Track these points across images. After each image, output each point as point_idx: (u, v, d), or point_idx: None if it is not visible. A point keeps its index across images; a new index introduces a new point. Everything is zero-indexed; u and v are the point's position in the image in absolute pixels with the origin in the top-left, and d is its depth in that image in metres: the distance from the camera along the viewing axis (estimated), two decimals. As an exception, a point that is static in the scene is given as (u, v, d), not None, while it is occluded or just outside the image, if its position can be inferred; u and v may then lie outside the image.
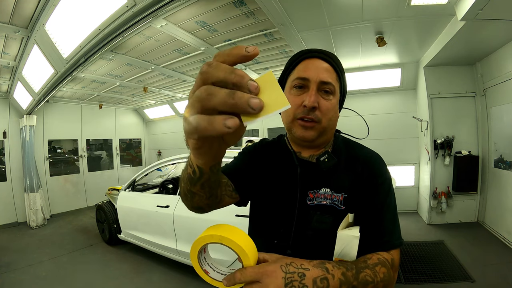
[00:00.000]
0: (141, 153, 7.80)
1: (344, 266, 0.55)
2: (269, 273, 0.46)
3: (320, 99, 0.67)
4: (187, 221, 2.64)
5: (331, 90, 0.68)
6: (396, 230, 0.69)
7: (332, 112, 0.69)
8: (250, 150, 0.86)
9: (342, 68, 0.72)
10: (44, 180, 5.35)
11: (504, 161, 3.24)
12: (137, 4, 2.03)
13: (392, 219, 0.69)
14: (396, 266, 0.65)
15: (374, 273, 0.58)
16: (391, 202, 0.71)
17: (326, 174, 0.71)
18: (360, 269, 0.57)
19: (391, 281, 0.61)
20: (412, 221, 4.08)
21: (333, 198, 0.69)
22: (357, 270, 0.56)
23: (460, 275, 2.54)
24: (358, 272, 0.55)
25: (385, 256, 0.63)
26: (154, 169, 3.45)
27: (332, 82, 0.68)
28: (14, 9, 2.42)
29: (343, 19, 2.69)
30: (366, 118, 0.89)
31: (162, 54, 3.45)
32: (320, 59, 0.69)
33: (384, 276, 0.59)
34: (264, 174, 0.77)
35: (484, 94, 3.60)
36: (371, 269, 0.58)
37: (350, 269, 0.55)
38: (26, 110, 4.70)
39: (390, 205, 0.70)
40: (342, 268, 0.54)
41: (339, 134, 0.82)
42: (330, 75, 0.68)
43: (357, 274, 0.55)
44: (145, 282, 2.81)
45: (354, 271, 0.55)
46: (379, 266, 0.60)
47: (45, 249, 3.72)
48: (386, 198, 0.70)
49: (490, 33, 2.71)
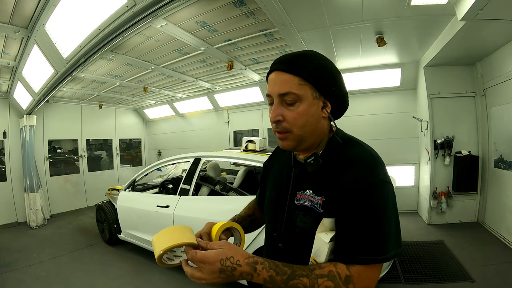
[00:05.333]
0: (141, 153, 7.80)
1: (277, 269, 0.59)
2: (210, 261, 0.59)
3: (284, 111, 0.68)
4: (187, 221, 2.64)
5: (293, 99, 0.67)
6: (376, 242, 0.61)
7: (301, 119, 0.68)
8: (265, 162, 0.98)
9: (310, 67, 0.67)
10: (44, 180, 5.35)
11: (504, 161, 3.24)
12: (137, 4, 2.03)
13: (373, 228, 0.61)
14: (355, 283, 0.59)
15: (312, 283, 0.58)
16: (375, 208, 0.62)
17: (311, 176, 0.72)
18: (297, 276, 0.59)
19: None
20: (412, 221, 4.09)
21: (313, 200, 0.70)
22: (291, 276, 0.59)
23: (460, 275, 2.54)
24: (290, 278, 0.59)
25: (340, 271, 0.60)
26: (154, 169, 3.45)
27: (292, 91, 0.66)
28: (14, 9, 2.42)
29: (343, 19, 2.69)
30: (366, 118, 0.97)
31: (162, 54, 3.45)
32: (278, 70, 0.69)
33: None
34: (273, 174, 0.89)
35: (484, 94, 3.60)
36: (312, 279, 0.59)
37: (282, 273, 0.59)
38: (26, 110, 4.70)
39: (372, 212, 0.62)
40: (271, 271, 0.59)
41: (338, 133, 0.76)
42: (288, 84, 0.66)
43: (288, 280, 0.59)
44: (145, 282, 2.81)
45: (285, 276, 0.59)
46: (324, 279, 0.59)
47: (45, 249, 3.72)
48: (365, 204, 0.62)
49: (490, 33, 2.71)
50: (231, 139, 6.16)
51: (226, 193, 2.69)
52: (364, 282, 0.60)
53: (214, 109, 6.18)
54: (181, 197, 2.77)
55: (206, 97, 5.86)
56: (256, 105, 5.62)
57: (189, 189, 2.75)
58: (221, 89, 5.43)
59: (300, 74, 0.66)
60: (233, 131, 6.16)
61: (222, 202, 2.55)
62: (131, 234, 3.31)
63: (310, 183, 0.72)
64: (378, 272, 0.63)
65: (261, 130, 5.72)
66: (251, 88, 5.17)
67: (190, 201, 2.71)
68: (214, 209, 2.51)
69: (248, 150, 2.88)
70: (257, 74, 4.50)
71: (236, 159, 2.80)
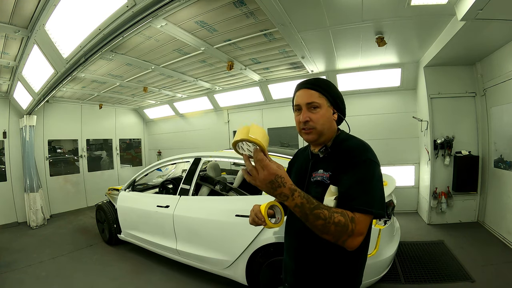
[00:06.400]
0: (141, 153, 7.81)
1: (308, 200, 0.80)
2: (270, 171, 0.77)
3: (310, 114, 0.99)
4: (187, 221, 2.64)
5: (316, 105, 0.99)
6: (366, 199, 0.85)
7: (322, 119, 0.99)
8: (290, 161, 1.26)
9: (325, 86, 1.02)
10: (44, 180, 5.36)
11: (504, 161, 3.24)
12: (137, 4, 2.03)
13: (363, 189, 0.86)
14: (356, 223, 0.82)
15: (330, 215, 0.80)
16: (365, 175, 0.88)
17: (322, 160, 1.02)
18: (320, 207, 0.81)
19: (345, 230, 0.80)
20: (412, 221, 4.09)
21: (323, 176, 0.97)
22: (316, 207, 0.80)
23: (460, 275, 2.54)
24: (315, 208, 0.80)
25: (348, 213, 0.83)
26: (154, 169, 3.45)
27: (315, 101, 0.99)
28: (14, 9, 2.42)
29: (343, 19, 2.69)
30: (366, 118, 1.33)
31: (162, 54, 3.45)
32: (305, 88, 1.02)
33: (339, 222, 0.80)
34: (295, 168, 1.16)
35: (484, 94, 3.60)
36: (329, 211, 0.81)
37: (311, 203, 0.80)
38: (26, 110, 4.70)
39: (362, 178, 0.88)
40: (304, 199, 0.80)
41: (342, 132, 1.07)
42: (312, 97, 1.00)
43: (313, 209, 0.80)
44: (145, 282, 2.81)
45: (312, 206, 0.80)
46: (338, 214, 0.81)
47: (45, 249, 3.72)
48: (357, 172, 0.88)
49: (490, 33, 2.71)
50: (231, 139, 6.16)
51: (226, 193, 2.69)
52: (361, 226, 0.83)
53: (214, 109, 6.18)
54: (181, 197, 2.77)
55: (206, 97, 5.86)
56: (256, 105, 5.62)
57: (189, 189, 2.75)
58: (221, 89, 5.43)
59: (319, 90, 1.01)
60: (233, 131, 6.16)
61: (222, 202, 2.55)
62: (131, 234, 3.31)
63: (322, 165, 1.00)
64: (369, 222, 0.86)
65: (261, 130, 5.71)
66: (251, 88, 5.17)
67: (190, 201, 2.71)
68: (214, 209, 2.50)
69: (248, 150, 2.87)
70: (257, 74, 4.50)
71: (236, 159, 2.80)
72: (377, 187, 0.88)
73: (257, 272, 2.25)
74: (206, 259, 2.53)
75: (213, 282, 2.68)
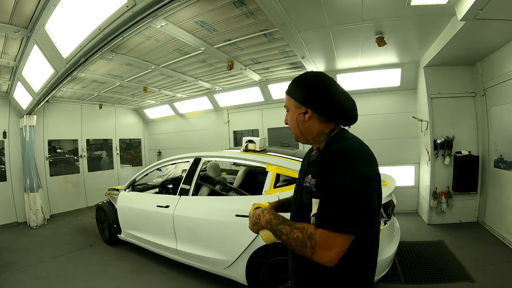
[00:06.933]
0: (141, 153, 7.81)
1: (275, 216, 0.94)
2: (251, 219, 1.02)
3: (286, 116, 1.05)
4: (187, 221, 2.64)
5: (287, 108, 1.03)
6: (332, 214, 0.79)
7: (291, 121, 1.02)
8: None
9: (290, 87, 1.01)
10: (44, 180, 5.35)
11: (504, 161, 3.24)
12: (137, 4, 2.03)
13: (331, 204, 0.81)
14: (316, 240, 0.79)
15: (291, 231, 0.86)
16: (340, 187, 0.80)
17: (313, 164, 0.98)
18: (284, 223, 0.89)
19: (304, 246, 0.81)
20: (412, 221, 4.09)
21: (311, 182, 0.92)
22: (281, 222, 0.90)
23: (460, 275, 2.55)
24: (280, 223, 0.90)
25: (309, 229, 0.82)
26: (154, 169, 3.45)
27: (285, 104, 1.04)
28: (14, 9, 2.42)
29: (343, 19, 2.69)
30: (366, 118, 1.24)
31: (162, 54, 3.45)
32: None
33: (297, 238, 0.83)
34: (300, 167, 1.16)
35: (484, 94, 3.60)
36: (291, 227, 0.87)
37: (277, 219, 0.92)
38: (26, 110, 4.70)
39: (333, 193, 0.81)
40: (272, 215, 0.95)
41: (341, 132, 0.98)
42: (285, 101, 1.04)
43: (278, 224, 0.90)
44: (145, 282, 2.81)
45: (278, 221, 0.91)
46: (298, 230, 0.84)
47: (45, 249, 3.72)
48: (334, 182, 0.82)
49: (490, 33, 2.71)
50: (231, 139, 6.16)
51: (226, 193, 2.69)
52: (323, 242, 0.78)
53: (214, 109, 6.18)
54: (181, 197, 2.77)
55: (206, 97, 5.86)
56: (256, 105, 5.62)
57: (189, 189, 2.75)
58: (221, 89, 5.43)
59: (287, 92, 1.02)
60: (233, 131, 6.17)
61: (222, 202, 2.55)
62: (131, 234, 3.31)
63: (312, 169, 0.96)
64: (340, 239, 0.78)
65: (261, 130, 5.72)
66: (251, 88, 5.17)
67: (190, 201, 2.71)
68: (214, 209, 2.50)
69: (248, 150, 2.88)
70: (257, 74, 4.50)
71: (236, 159, 2.80)
72: (352, 200, 0.78)
73: (257, 272, 2.26)
74: (206, 259, 2.53)
75: (213, 282, 2.68)
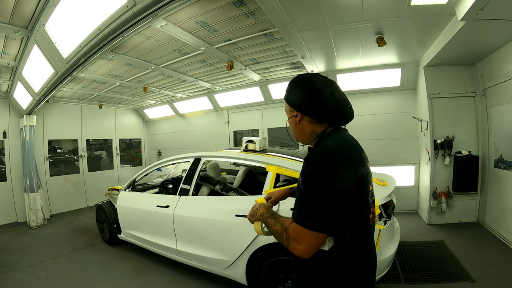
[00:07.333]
0: (141, 153, 7.80)
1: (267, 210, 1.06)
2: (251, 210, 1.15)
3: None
4: (187, 221, 2.64)
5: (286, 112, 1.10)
6: (302, 211, 0.89)
7: (289, 123, 1.10)
8: None
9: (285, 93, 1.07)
10: (44, 180, 5.35)
11: (504, 161, 3.24)
12: (137, 4, 2.03)
13: (303, 202, 0.91)
14: (288, 232, 0.89)
15: (274, 224, 0.97)
16: (308, 189, 0.89)
17: (304, 163, 1.05)
18: (272, 216, 1.01)
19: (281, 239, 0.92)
20: (412, 221, 4.09)
21: (300, 180, 1.02)
22: (270, 216, 1.02)
23: (460, 275, 2.55)
24: (269, 217, 1.02)
25: (285, 222, 0.93)
26: (154, 169, 3.45)
27: (285, 109, 1.09)
28: (14, 9, 2.42)
29: (343, 19, 2.69)
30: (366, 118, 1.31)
31: (162, 54, 3.45)
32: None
33: (277, 230, 0.95)
34: None
35: (484, 94, 3.60)
36: (275, 220, 0.98)
37: (268, 212, 1.04)
38: (26, 110, 4.70)
39: (305, 191, 0.90)
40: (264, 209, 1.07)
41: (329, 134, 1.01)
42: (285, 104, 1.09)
43: (267, 217, 1.02)
44: (145, 282, 2.81)
45: (267, 215, 1.03)
46: (279, 224, 0.95)
47: (45, 249, 3.72)
48: (305, 185, 0.91)
49: (490, 33, 2.71)
50: (231, 139, 6.16)
51: (226, 193, 2.69)
52: (295, 236, 0.87)
53: (214, 109, 6.18)
54: (181, 197, 2.78)
55: (206, 97, 5.86)
56: (256, 105, 5.62)
57: (189, 189, 2.75)
58: (221, 89, 5.43)
59: (284, 97, 1.08)
60: (233, 131, 6.16)
61: (222, 202, 2.55)
62: (131, 234, 3.31)
63: (302, 168, 1.04)
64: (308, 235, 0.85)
65: (261, 130, 5.72)
66: (251, 88, 5.17)
67: (190, 201, 2.71)
68: (214, 209, 2.50)
69: (248, 150, 2.88)
70: (257, 74, 4.50)
71: (236, 159, 2.80)
72: (316, 199, 0.85)
73: (257, 272, 2.25)
74: (206, 259, 2.53)
75: (213, 282, 2.68)
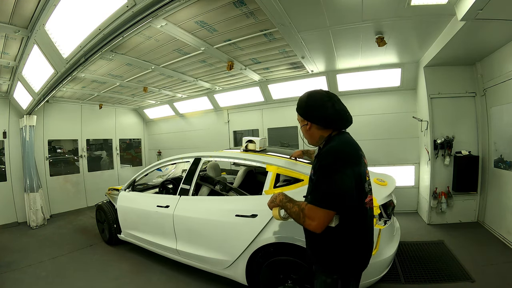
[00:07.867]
0: (141, 153, 7.81)
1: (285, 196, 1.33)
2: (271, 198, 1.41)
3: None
4: (187, 221, 2.64)
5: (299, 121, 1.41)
6: (316, 195, 1.18)
7: (302, 131, 1.41)
8: None
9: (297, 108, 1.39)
10: (44, 180, 5.35)
11: (504, 161, 3.24)
12: (137, 4, 2.03)
13: (315, 188, 1.20)
14: (304, 212, 1.18)
15: (292, 206, 1.26)
16: (318, 177, 1.19)
17: (315, 159, 1.34)
18: (290, 202, 1.28)
19: (299, 218, 1.20)
20: (412, 221, 4.09)
21: (312, 173, 1.31)
22: (289, 201, 1.29)
23: (460, 275, 2.55)
24: (288, 202, 1.29)
25: (302, 204, 1.22)
26: (154, 169, 3.45)
27: (297, 118, 1.41)
28: (14, 9, 2.42)
29: (343, 19, 2.69)
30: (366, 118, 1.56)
31: (162, 54, 3.45)
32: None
33: (295, 211, 1.23)
34: None
35: (484, 94, 3.60)
36: (294, 204, 1.26)
37: (286, 199, 1.31)
38: (26, 110, 4.70)
39: (317, 181, 1.20)
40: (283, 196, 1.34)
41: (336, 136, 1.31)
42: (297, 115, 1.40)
43: (286, 202, 1.30)
44: (145, 282, 2.81)
45: (286, 200, 1.31)
46: (296, 206, 1.24)
47: (45, 249, 3.72)
48: (317, 173, 1.20)
49: (490, 33, 2.71)
50: (231, 139, 6.16)
51: (226, 193, 2.69)
52: (310, 214, 1.16)
53: (214, 109, 6.18)
54: (181, 197, 2.78)
55: (206, 97, 5.86)
56: (256, 105, 5.62)
57: (189, 189, 2.75)
58: (221, 89, 5.43)
59: (296, 109, 1.40)
60: (233, 131, 6.16)
61: (222, 202, 2.55)
62: (131, 234, 3.31)
63: (314, 163, 1.30)
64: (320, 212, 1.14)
65: (261, 130, 5.72)
66: (251, 88, 5.17)
67: (190, 201, 2.71)
68: (214, 209, 2.50)
69: (248, 150, 2.87)
70: (257, 74, 4.50)
71: (236, 159, 2.80)
72: (325, 186, 1.15)
73: (257, 272, 2.25)
74: (206, 259, 2.53)
75: (213, 282, 2.68)
